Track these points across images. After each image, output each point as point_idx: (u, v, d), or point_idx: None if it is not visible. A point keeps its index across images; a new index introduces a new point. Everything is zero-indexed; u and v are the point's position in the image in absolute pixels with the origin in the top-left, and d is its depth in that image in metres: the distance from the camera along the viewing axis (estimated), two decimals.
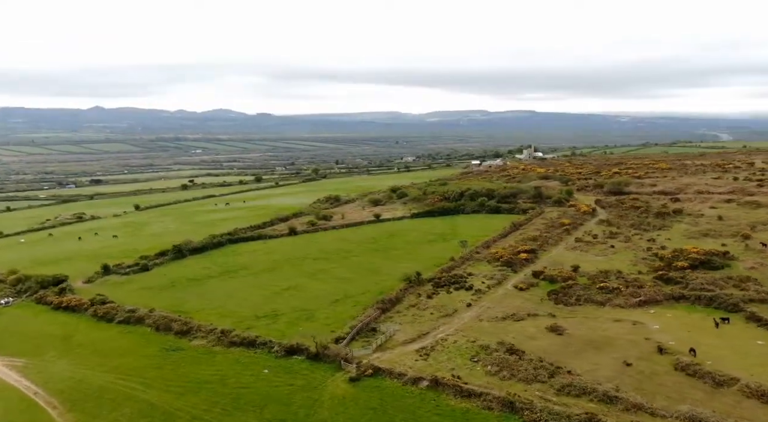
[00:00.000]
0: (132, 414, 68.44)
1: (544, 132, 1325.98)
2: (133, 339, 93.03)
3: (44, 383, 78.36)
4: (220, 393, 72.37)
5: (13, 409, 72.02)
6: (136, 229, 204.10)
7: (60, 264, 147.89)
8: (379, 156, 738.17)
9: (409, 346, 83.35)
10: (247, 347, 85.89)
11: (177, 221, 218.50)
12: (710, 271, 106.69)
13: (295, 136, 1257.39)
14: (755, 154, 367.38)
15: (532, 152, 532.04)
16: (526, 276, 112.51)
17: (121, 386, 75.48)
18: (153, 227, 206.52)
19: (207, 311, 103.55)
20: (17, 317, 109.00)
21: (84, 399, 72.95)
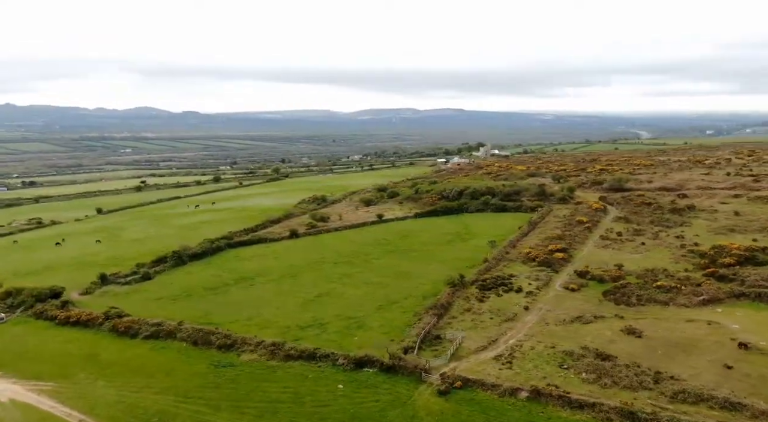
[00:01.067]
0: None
1: (475, 129, 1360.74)
2: (171, 356, 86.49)
3: (90, 409, 71.42)
4: (301, 413, 67.50)
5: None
6: (111, 235, 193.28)
7: (43, 275, 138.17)
8: (319, 154, 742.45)
9: (483, 354, 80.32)
10: (307, 360, 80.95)
11: (154, 225, 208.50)
12: (758, 267, 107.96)
13: (227, 134, 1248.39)
14: (715, 150, 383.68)
15: (489, 150, 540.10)
16: (571, 276, 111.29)
17: (185, 410, 69.48)
18: (130, 232, 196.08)
19: (241, 322, 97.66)
20: (20, 335, 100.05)
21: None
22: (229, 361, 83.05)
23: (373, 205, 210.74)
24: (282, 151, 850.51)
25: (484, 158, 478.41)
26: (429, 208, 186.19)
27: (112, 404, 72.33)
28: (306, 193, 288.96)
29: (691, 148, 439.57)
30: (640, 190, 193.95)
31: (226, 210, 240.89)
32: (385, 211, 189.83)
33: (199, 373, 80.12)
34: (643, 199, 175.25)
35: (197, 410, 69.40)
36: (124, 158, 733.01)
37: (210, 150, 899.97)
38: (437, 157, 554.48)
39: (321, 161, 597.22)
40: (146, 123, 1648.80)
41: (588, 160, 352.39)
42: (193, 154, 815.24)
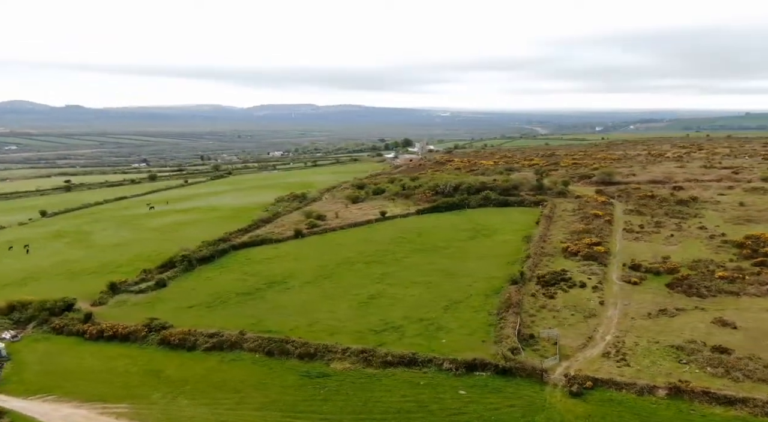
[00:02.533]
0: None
1: (380, 125, 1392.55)
2: (249, 369, 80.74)
3: None
4: None
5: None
6: (80, 239, 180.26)
7: (31, 286, 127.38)
8: (231, 150, 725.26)
9: (588, 352, 79.56)
10: (408, 366, 77.52)
11: (125, 228, 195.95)
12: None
13: (118, 130, 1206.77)
14: (654, 144, 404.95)
15: (425, 146, 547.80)
16: (623, 269, 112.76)
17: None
18: (101, 236, 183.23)
19: (303, 328, 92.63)
20: (51, 354, 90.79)
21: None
22: (321, 371, 78.25)
23: (360, 201, 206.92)
24: (187, 147, 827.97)
25: (421, 155, 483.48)
26: (429, 204, 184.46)
27: None
28: (268, 190, 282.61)
29: (623, 143, 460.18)
30: (632, 184, 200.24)
31: (192, 210, 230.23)
32: (382, 208, 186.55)
33: (293, 386, 75.02)
34: (643, 192, 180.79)
35: None
36: (12, 156, 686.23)
37: (107, 147, 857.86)
38: (366, 152, 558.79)
39: (245, 158, 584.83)
40: (23, 118, 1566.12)
41: (547, 154, 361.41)
42: (89, 151, 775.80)
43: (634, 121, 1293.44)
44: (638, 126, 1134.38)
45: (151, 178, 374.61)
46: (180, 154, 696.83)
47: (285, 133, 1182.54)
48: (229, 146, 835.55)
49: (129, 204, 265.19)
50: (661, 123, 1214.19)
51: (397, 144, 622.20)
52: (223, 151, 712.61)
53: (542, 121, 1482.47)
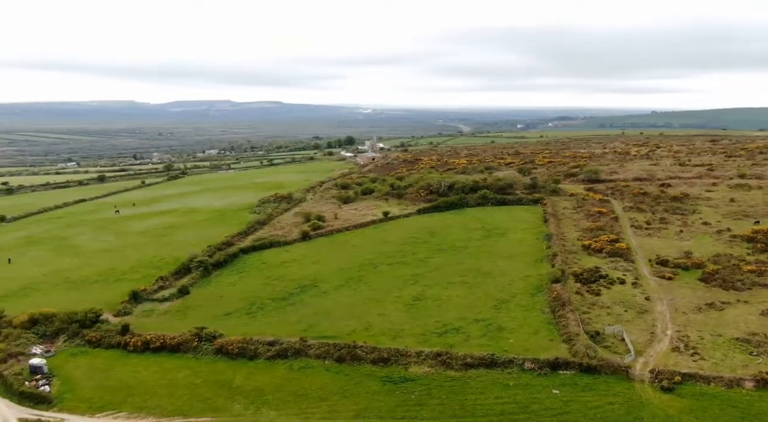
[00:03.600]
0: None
1: (302, 121, 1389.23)
2: (324, 376, 79.60)
3: None
4: None
5: None
6: (62, 246, 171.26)
7: (32, 296, 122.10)
8: (153, 148, 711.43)
9: (658, 347, 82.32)
10: (489, 367, 78.26)
11: (105, 233, 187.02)
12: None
13: (25, 126, 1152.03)
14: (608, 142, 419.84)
15: (375, 144, 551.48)
16: (650, 265, 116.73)
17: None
18: (84, 242, 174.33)
19: (361, 333, 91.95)
20: (97, 368, 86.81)
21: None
22: (401, 376, 77.87)
23: (351, 202, 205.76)
24: (106, 145, 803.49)
25: (380, 153, 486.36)
26: (428, 204, 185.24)
27: None
28: (241, 191, 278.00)
29: (572, 141, 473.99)
30: (617, 181, 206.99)
31: (170, 212, 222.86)
32: (378, 208, 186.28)
33: (379, 391, 74.38)
34: (633, 190, 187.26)
35: None
36: None
37: (18, 145, 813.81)
38: (312, 151, 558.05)
39: (179, 156, 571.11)
40: None
41: (513, 153, 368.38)
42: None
43: (550, 119, 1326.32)
44: (556, 123, 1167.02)
45: (99, 178, 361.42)
46: (104, 153, 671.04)
47: (206, 130, 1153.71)
48: (151, 144, 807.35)
49: (95, 207, 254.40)
50: (576, 120, 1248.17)
51: (340, 142, 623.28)
52: (149, 150, 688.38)
53: (462, 119, 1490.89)
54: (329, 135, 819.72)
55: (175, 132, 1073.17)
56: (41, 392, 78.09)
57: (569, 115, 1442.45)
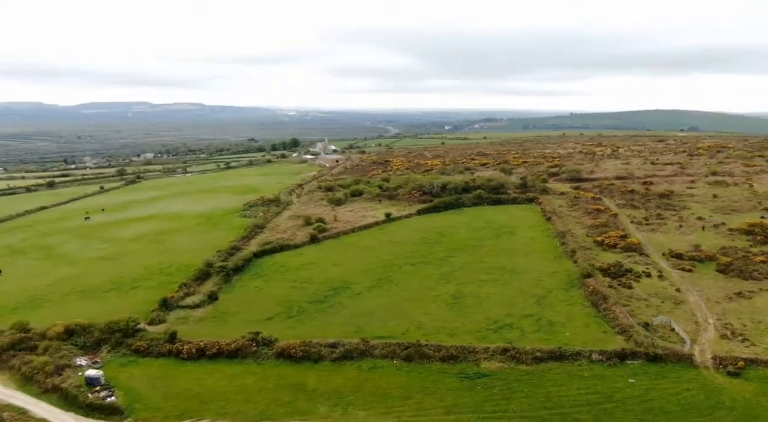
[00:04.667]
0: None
1: (227, 124, 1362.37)
2: (396, 375, 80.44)
3: None
4: (636, 411, 68.08)
5: None
6: (48, 256, 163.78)
7: (47, 307, 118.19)
8: (77, 152, 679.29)
9: (706, 335, 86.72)
10: (558, 360, 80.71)
11: (92, 240, 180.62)
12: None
13: None
14: (561, 142, 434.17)
15: (326, 146, 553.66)
16: (665, 258, 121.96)
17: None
18: (70, 251, 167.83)
19: (414, 332, 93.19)
20: (155, 377, 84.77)
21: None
22: (476, 372, 79.35)
23: (344, 204, 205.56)
24: (21, 149, 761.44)
25: (326, 155, 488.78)
26: (426, 205, 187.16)
27: None
28: (216, 194, 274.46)
29: (525, 142, 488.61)
30: (598, 180, 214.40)
31: (151, 218, 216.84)
32: (375, 210, 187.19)
33: (459, 388, 75.66)
34: (619, 188, 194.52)
35: None
36: None
37: None
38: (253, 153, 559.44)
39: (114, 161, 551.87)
40: None
41: (480, 154, 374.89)
42: None
43: (475, 121, 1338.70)
44: (482, 125, 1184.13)
45: (49, 184, 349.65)
46: (23, 157, 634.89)
47: (128, 132, 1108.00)
48: (72, 148, 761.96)
49: (61, 214, 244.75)
50: (500, 122, 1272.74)
51: (284, 144, 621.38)
52: (73, 154, 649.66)
53: (389, 121, 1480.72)
54: (265, 138, 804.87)
55: (95, 135, 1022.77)
56: (110, 403, 75.64)
57: (493, 117, 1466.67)
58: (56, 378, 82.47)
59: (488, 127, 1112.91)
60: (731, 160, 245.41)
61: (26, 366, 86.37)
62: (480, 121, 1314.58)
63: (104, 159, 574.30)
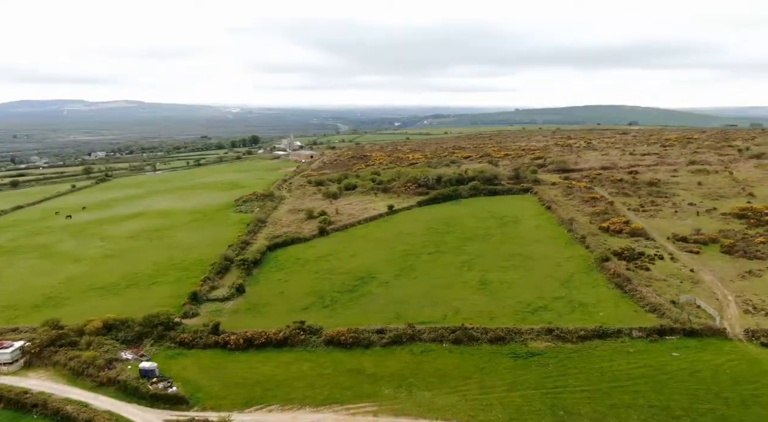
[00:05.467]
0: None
1: (173, 122, 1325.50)
2: (449, 357, 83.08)
3: (474, 417, 66.99)
4: (690, 381, 72.11)
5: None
6: (49, 255, 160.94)
7: (70, 305, 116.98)
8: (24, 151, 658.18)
9: (729, 311, 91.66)
10: (601, 338, 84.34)
11: (88, 239, 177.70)
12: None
13: None
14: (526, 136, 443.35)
15: (292, 142, 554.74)
16: (672, 242, 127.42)
17: (564, 400, 69.50)
18: (70, 248, 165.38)
19: (453, 316, 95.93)
20: (208, 367, 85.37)
21: None
22: (526, 351, 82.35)
23: (340, 197, 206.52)
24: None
25: (290, 151, 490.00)
26: (425, 197, 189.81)
27: (486, 408, 68.43)
28: (195, 191, 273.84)
29: (495, 135, 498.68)
30: (585, 170, 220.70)
31: (138, 216, 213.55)
32: (371, 202, 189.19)
33: (514, 366, 78.59)
34: (607, 177, 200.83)
35: (590, 397, 69.44)
36: None
37: None
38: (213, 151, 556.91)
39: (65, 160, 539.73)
40: None
41: (451, 147, 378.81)
42: None
43: (424, 117, 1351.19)
44: (431, 121, 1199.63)
45: (12, 184, 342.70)
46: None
47: (67, 131, 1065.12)
48: (9, 147, 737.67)
49: (39, 213, 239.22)
50: (449, 118, 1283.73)
51: (244, 141, 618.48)
52: (9, 153, 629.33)
53: (336, 117, 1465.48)
54: (216, 135, 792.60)
55: (31, 134, 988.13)
56: (174, 393, 75.88)
57: (441, 113, 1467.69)
58: (110, 372, 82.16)
59: (437, 123, 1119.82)
60: (704, 150, 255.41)
61: (74, 361, 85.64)
62: (428, 117, 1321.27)
63: (57, 158, 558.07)
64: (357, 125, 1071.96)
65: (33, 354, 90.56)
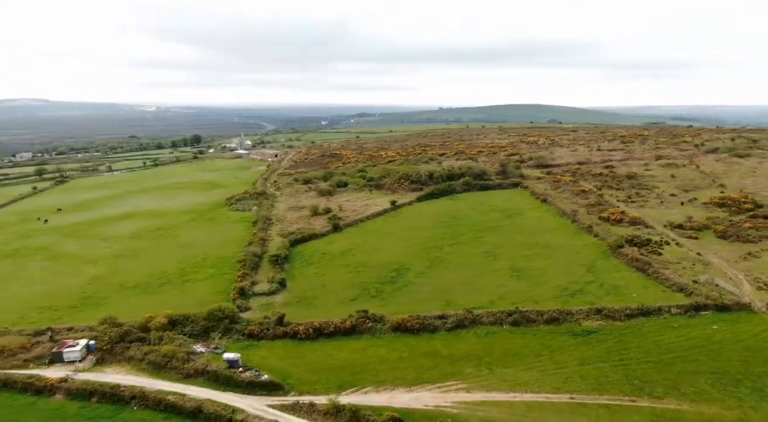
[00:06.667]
0: None
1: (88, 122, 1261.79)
2: (512, 337, 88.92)
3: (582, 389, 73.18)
4: (735, 350, 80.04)
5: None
6: (56, 257, 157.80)
7: (110, 304, 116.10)
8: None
9: (744, 288, 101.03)
10: (645, 316, 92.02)
11: (91, 240, 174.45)
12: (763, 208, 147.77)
13: None
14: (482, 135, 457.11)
15: (243, 141, 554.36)
16: (669, 229, 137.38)
17: (637, 372, 76.46)
18: (73, 249, 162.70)
19: (499, 302, 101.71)
20: (285, 357, 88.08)
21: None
22: (582, 330, 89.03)
23: (333, 195, 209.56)
24: None
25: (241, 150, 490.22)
26: (422, 193, 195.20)
27: (567, 381, 74.59)
28: (174, 191, 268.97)
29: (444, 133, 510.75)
30: (563, 165, 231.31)
31: (131, 216, 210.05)
32: (369, 199, 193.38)
33: (576, 344, 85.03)
34: (586, 171, 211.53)
35: (655, 367, 76.61)
36: None
37: None
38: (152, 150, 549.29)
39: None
40: None
41: (418, 145, 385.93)
42: None
43: (351, 116, 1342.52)
44: (357, 120, 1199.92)
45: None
46: None
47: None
48: None
49: (12, 216, 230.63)
50: (373, 117, 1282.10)
51: (185, 141, 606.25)
52: None
53: (258, 117, 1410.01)
54: (146, 135, 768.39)
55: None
56: (269, 380, 78.63)
57: (367, 112, 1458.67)
58: (196, 363, 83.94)
59: (363, 121, 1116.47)
60: (664, 146, 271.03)
61: (152, 355, 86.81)
62: (354, 116, 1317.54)
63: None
64: (283, 124, 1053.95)
65: (105, 350, 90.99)
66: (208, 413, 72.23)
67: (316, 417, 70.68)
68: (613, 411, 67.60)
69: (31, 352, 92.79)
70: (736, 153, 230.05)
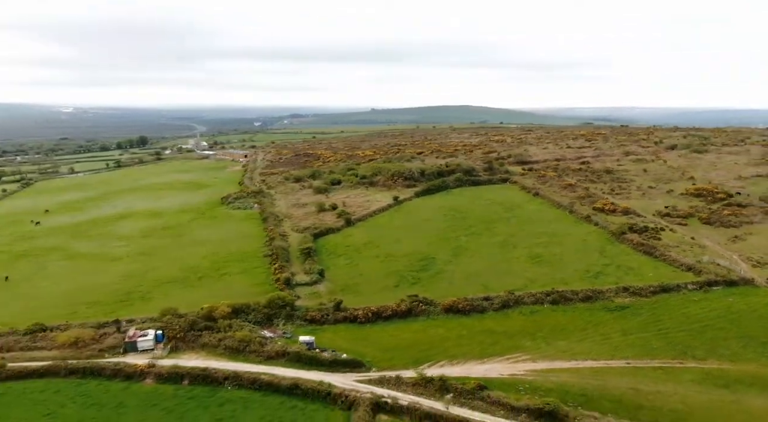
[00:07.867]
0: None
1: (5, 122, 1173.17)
2: (552, 315, 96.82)
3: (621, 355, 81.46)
4: (752, 318, 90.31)
5: None
6: (74, 256, 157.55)
7: (154, 299, 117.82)
8: None
9: (741, 266, 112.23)
10: (666, 292, 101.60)
11: (106, 239, 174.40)
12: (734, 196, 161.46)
13: None
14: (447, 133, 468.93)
15: (199, 142, 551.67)
16: (659, 216, 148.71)
17: (676, 339, 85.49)
18: (90, 249, 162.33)
19: (531, 285, 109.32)
20: (350, 339, 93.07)
21: None
22: (616, 306, 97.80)
23: (329, 192, 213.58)
24: None
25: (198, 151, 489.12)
26: (419, 188, 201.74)
27: (618, 349, 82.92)
28: (153, 193, 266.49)
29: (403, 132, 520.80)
30: (541, 162, 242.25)
31: (129, 216, 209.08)
32: (368, 195, 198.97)
33: (612, 318, 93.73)
34: (565, 167, 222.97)
35: (690, 335, 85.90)
36: None
37: None
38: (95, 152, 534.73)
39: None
40: None
41: (396, 144, 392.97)
42: None
43: (284, 117, 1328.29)
44: (291, 120, 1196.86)
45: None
46: None
47: None
48: None
49: (5, 218, 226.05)
50: (307, 118, 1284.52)
51: (131, 142, 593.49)
52: None
53: (185, 118, 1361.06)
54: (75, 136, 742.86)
55: None
56: (351, 359, 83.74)
57: (299, 113, 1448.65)
58: (275, 346, 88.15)
59: (297, 122, 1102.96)
60: (628, 143, 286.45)
61: (227, 340, 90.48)
62: (287, 117, 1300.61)
63: None
64: (215, 125, 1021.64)
65: (178, 338, 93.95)
66: (306, 389, 76.76)
67: (406, 389, 76.23)
68: (667, 372, 76.01)
69: (102, 343, 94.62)
70: (695, 149, 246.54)
